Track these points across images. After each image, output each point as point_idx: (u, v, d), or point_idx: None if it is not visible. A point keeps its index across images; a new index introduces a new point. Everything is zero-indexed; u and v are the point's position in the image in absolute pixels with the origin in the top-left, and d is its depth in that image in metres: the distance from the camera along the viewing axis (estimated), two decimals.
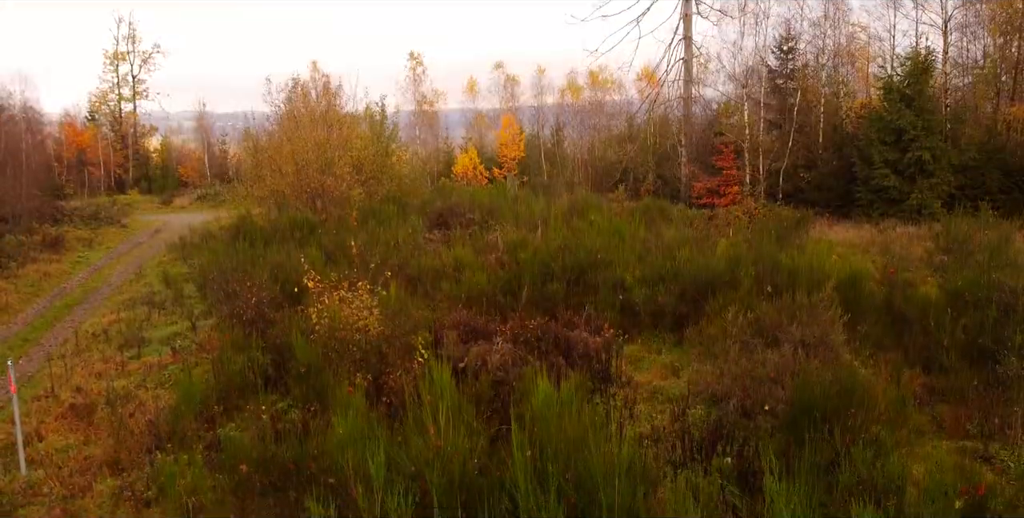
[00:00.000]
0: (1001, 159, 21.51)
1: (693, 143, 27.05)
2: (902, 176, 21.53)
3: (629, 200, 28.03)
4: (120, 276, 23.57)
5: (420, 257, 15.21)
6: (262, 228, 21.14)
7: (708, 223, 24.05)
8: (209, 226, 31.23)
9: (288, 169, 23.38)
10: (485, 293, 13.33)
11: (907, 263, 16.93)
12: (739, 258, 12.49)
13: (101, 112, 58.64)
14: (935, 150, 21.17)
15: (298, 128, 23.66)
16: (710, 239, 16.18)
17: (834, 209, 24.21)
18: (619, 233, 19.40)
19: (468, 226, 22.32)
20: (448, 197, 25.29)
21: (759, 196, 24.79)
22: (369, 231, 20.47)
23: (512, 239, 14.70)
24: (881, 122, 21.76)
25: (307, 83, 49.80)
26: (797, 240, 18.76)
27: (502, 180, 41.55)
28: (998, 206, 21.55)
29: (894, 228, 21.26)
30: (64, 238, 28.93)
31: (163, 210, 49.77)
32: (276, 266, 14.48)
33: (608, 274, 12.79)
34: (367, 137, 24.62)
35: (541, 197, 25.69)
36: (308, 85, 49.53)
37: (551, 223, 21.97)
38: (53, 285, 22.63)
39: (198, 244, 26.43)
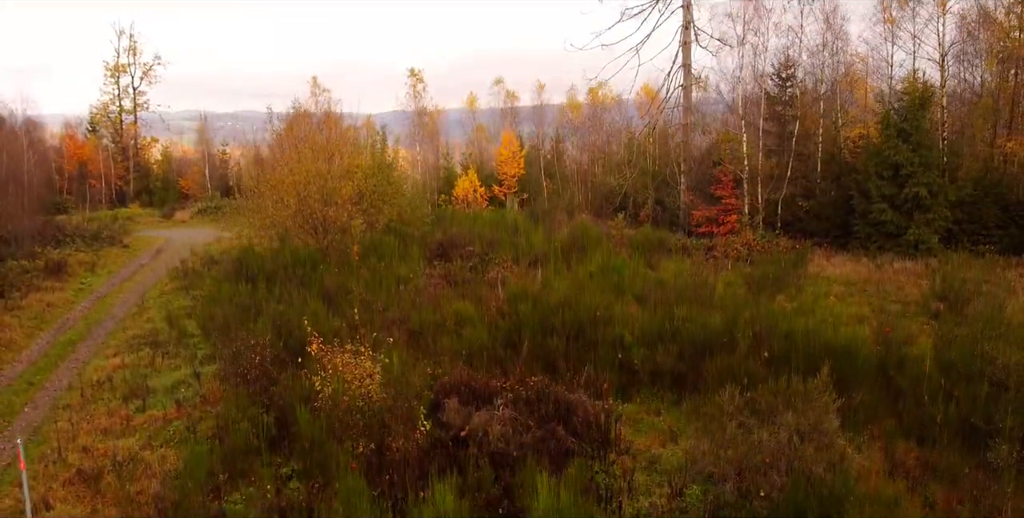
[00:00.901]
0: (998, 194, 21.67)
1: (692, 170, 27.21)
2: (899, 211, 21.69)
3: (629, 227, 28.19)
4: (122, 306, 23.70)
5: (421, 307, 15.34)
6: (264, 261, 21.27)
7: (707, 254, 24.27)
8: (210, 249, 31.49)
9: (290, 201, 23.53)
10: (486, 347, 13.50)
11: (903, 307, 17.13)
12: (737, 316, 12.62)
13: (102, 124, 58.79)
14: (932, 186, 21.33)
15: (300, 160, 23.80)
16: (708, 285, 16.29)
17: (832, 239, 24.37)
18: (619, 272, 19.59)
19: (469, 258, 22.51)
20: (448, 226, 25.44)
21: (757, 226, 24.95)
22: (370, 267, 20.66)
23: (513, 290, 14.83)
24: (879, 157, 21.92)
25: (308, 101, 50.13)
26: (795, 281, 18.93)
27: (502, 198, 41.80)
28: (995, 241, 21.77)
29: (891, 263, 21.42)
30: (67, 263, 29.03)
31: (164, 224, 49.94)
32: (279, 316, 14.60)
33: (608, 331, 12.93)
34: (368, 167, 24.75)
35: (541, 226, 25.83)
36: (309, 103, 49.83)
37: (551, 260, 22.20)
38: (56, 316, 22.75)
39: (200, 271, 26.68)
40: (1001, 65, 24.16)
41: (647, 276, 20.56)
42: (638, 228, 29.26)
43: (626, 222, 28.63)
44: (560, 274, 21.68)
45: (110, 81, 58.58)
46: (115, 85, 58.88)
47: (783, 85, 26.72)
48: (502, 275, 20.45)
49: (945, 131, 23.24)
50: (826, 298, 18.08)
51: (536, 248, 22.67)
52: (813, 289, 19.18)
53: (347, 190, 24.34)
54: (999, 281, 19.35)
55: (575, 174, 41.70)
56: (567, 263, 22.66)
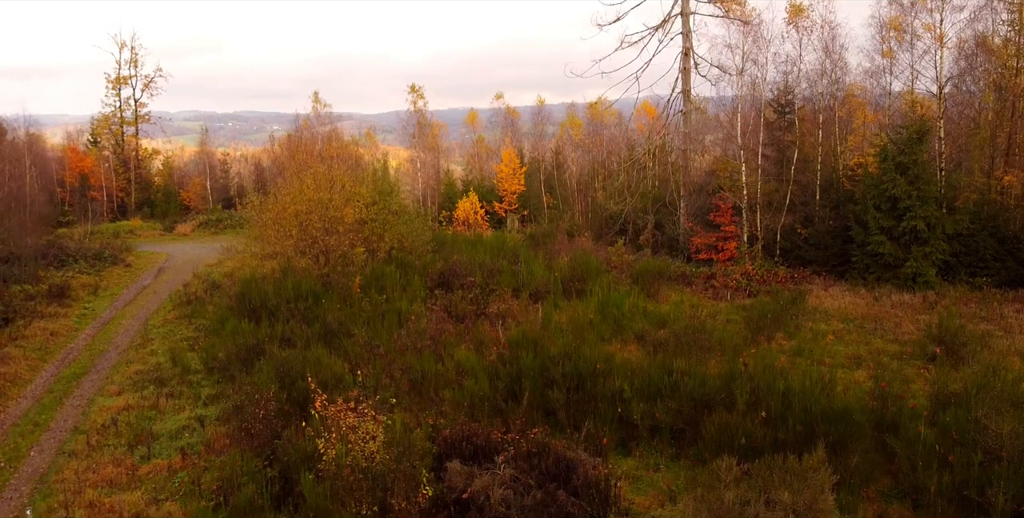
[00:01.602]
0: (995, 227, 21.82)
1: (692, 195, 27.36)
2: (897, 243, 21.84)
3: (629, 252, 28.37)
4: (125, 335, 23.84)
5: (423, 350, 15.50)
6: (267, 294, 21.39)
7: (707, 283, 24.43)
8: (212, 272, 31.60)
9: (292, 230, 23.69)
10: (487, 397, 13.66)
11: (900, 348, 17.27)
12: (734, 367, 12.77)
13: (103, 136, 58.95)
14: (929, 219, 21.47)
15: (303, 190, 23.97)
16: (706, 330, 16.45)
17: (830, 268, 24.53)
18: (618, 307, 19.74)
19: (470, 289, 22.65)
20: (449, 254, 25.58)
21: (756, 254, 25.10)
22: (372, 301, 20.81)
23: (514, 335, 14.99)
24: (877, 189, 22.07)
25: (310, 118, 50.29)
26: (794, 318, 19.09)
27: (502, 214, 42.01)
28: (992, 273, 21.92)
29: (889, 295, 21.56)
30: (69, 286, 29.17)
31: (166, 238, 50.11)
32: (283, 363, 14.75)
33: (608, 383, 13.08)
34: (369, 194, 24.91)
35: (541, 253, 25.98)
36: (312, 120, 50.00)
37: (552, 292, 22.35)
38: (60, 346, 22.91)
39: (202, 297, 26.81)
40: (998, 94, 24.28)
41: (647, 310, 20.73)
42: (638, 252, 29.44)
43: (626, 247, 28.82)
44: (560, 308, 21.90)
45: (111, 93, 58.76)
46: (116, 96, 59.04)
47: (782, 111, 26.86)
48: (503, 309, 20.62)
49: (943, 162, 23.38)
50: (824, 337, 18.23)
51: (537, 278, 22.81)
52: (812, 325, 19.32)
53: (349, 218, 24.51)
54: (995, 316, 19.52)
55: (574, 192, 41.86)
56: (567, 294, 22.84)
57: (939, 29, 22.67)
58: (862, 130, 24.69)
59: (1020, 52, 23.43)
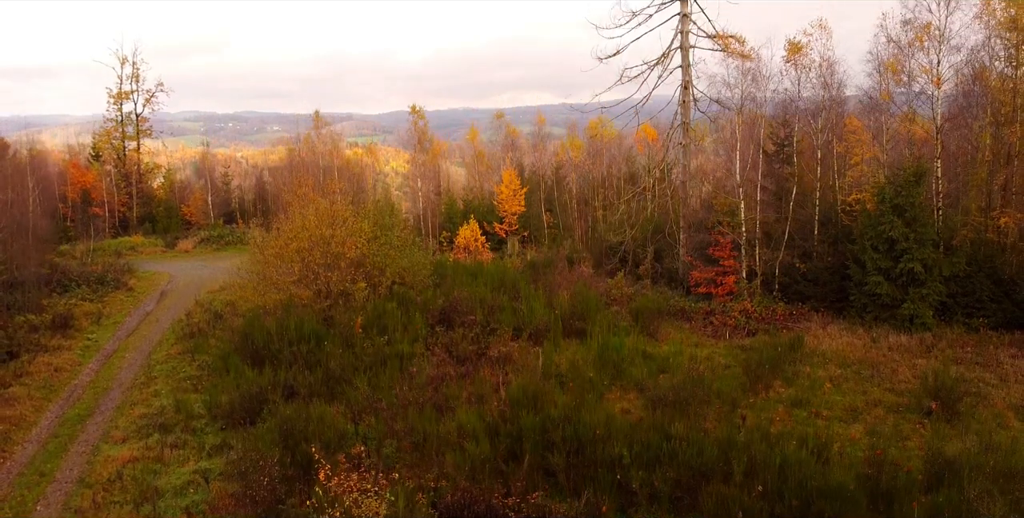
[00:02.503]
0: (991, 268, 22.00)
1: (691, 227, 27.55)
2: (895, 283, 22.01)
3: (629, 284, 28.56)
4: (129, 370, 24.01)
5: (424, 406, 15.68)
6: (270, 335, 21.56)
7: (706, 319, 24.62)
8: (214, 300, 31.74)
9: (295, 267, 23.88)
10: (488, 459, 13.84)
11: (897, 398, 17.44)
12: (732, 439, 12.94)
13: (105, 150, 59.11)
14: (926, 260, 21.64)
15: (304, 226, 24.16)
16: (704, 383, 16.63)
17: (828, 304, 24.71)
18: (618, 351, 19.93)
19: (471, 327, 22.83)
20: (450, 287, 25.77)
21: (755, 291, 25.28)
22: (374, 343, 20.98)
23: (515, 394, 15.17)
24: (874, 230, 22.24)
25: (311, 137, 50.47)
26: (792, 363, 19.27)
27: (503, 236, 42.21)
28: (989, 314, 22.09)
29: (886, 336, 21.74)
30: (73, 315, 29.36)
31: (168, 255, 50.27)
32: (286, 422, 14.92)
33: (608, 448, 13.26)
34: (371, 230, 25.10)
35: (541, 286, 26.17)
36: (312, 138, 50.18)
37: (552, 331, 22.54)
38: (65, 382, 23.10)
39: (204, 330, 26.98)
40: (995, 129, 24.36)
41: (647, 352, 20.92)
42: (638, 282, 29.62)
43: (626, 277, 29.00)
44: (561, 349, 22.12)
45: (113, 107, 58.97)
46: (118, 111, 59.26)
47: (781, 144, 27.05)
48: (503, 352, 20.81)
49: (940, 201, 23.55)
50: (822, 385, 18.41)
51: (537, 317, 23.00)
52: (810, 370, 19.50)
53: (351, 254, 24.70)
54: (991, 362, 19.69)
55: (575, 211, 42.11)
56: (568, 333, 23.04)
57: (936, 70, 22.85)
58: (860, 166, 24.85)
59: (1017, 89, 23.60)
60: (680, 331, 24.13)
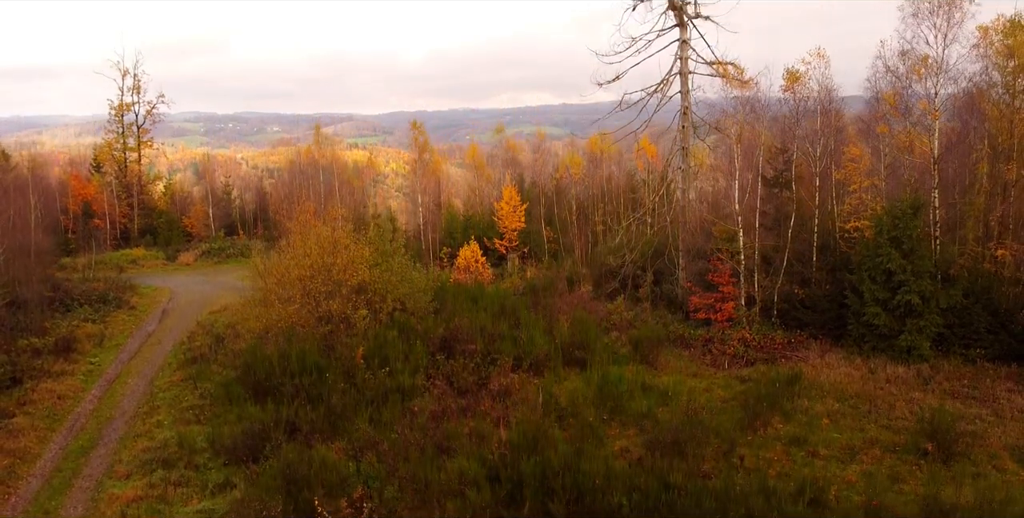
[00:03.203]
0: (988, 300, 22.16)
1: (690, 253, 27.73)
2: (892, 314, 22.16)
3: (628, 308, 28.74)
4: (131, 398, 24.15)
5: (425, 447, 15.84)
6: (272, 365, 21.69)
7: (705, 347, 24.80)
8: (216, 322, 31.84)
9: (295, 295, 24.04)
10: (489, 505, 14.01)
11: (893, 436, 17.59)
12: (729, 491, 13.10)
13: (107, 162, 59.26)
14: (924, 292, 21.81)
15: (306, 254, 24.32)
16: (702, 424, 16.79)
17: (827, 331, 24.87)
18: (617, 385, 20.10)
19: (471, 356, 22.99)
20: (451, 314, 25.93)
21: (754, 318, 25.44)
22: (375, 375, 21.14)
23: (516, 438, 15.33)
24: (872, 261, 22.41)
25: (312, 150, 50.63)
26: (790, 398, 19.45)
27: (503, 252, 42.38)
28: (986, 346, 22.25)
29: (884, 367, 21.90)
30: (75, 338, 29.52)
31: (169, 269, 50.40)
32: (289, 467, 15.07)
33: (608, 496, 13.42)
34: (372, 257, 25.27)
35: (541, 314, 26.34)
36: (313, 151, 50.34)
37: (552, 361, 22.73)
38: (68, 411, 23.24)
39: (207, 356, 27.12)
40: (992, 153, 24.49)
41: (646, 384, 21.09)
42: (637, 305, 29.77)
43: (626, 302, 29.19)
44: (561, 379, 22.33)
45: (114, 119, 59.10)
46: (119, 123, 59.39)
47: (779, 171, 27.21)
48: (504, 384, 20.98)
49: (938, 230, 23.70)
50: (819, 420, 18.58)
51: (537, 347, 23.16)
52: (808, 404, 19.66)
53: (352, 281, 24.86)
54: (988, 397, 19.85)
55: (574, 225, 42.32)
56: (568, 363, 23.22)
57: (934, 101, 22.99)
58: (859, 194, 25.01)
59: (1014, 123, 23.75)
60: (679, 359, 24.30)
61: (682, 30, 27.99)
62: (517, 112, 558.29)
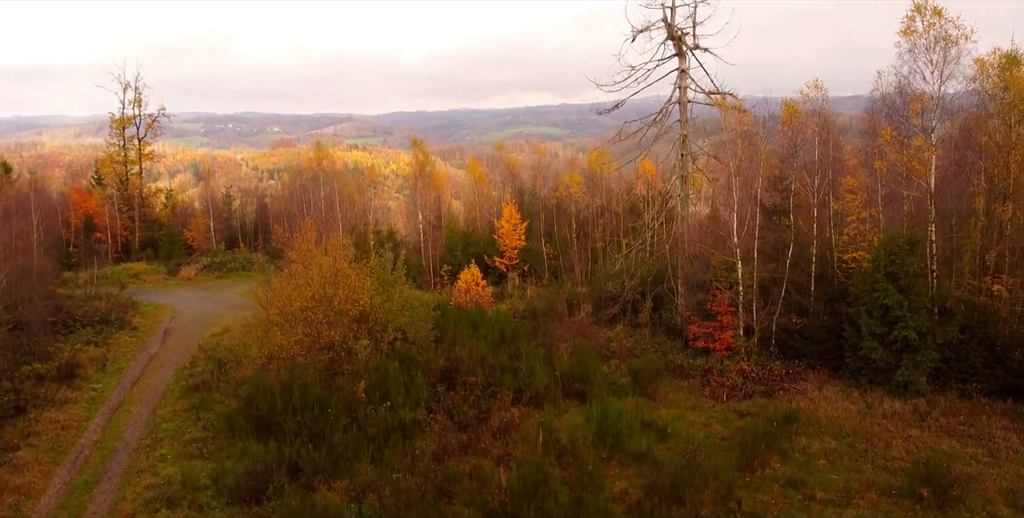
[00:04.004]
0: (985, 334, 22.36)
1: (689, 281, 27.92)
2: (889, 349, 22.36)
3: (628, 334, 28.95)
4: (135, 428, 24.31)
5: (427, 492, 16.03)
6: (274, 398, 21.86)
7: (704, 378, 25.00)
8: (218, 347, 31.97)
9: (297, 326, 24.23)
10: None
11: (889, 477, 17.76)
12: None
13: (108, 175, 59.48)
14: (920, 328, 22.01)
15: (308, 284, 24.52)
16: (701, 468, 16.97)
17: (824, 362, 25.07)
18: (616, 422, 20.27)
19: (472, 389, 23.18)
20: (451, 343, 26.13)
21: (753, 349, 25.63)
22: (376, 407, 21.33)
23: (516, 486, 15.52)
24: (869, 296, 22.61)
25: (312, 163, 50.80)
26: (788, 437, 19.63)
27: (503, 270, 42.62)
28: (982, 380, 22.44)
29: (881, 402, 22.08)
30: (78, 363, 29.70)
31: (170, 283, 50.59)
32: (292, 513, 15.27)
33: None
34: (373, 287, 25.46)
35: (541, 342, 26.54)
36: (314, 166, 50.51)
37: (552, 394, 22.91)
38: (71, 442, 23.41)
39: (208, 382, 27.28)
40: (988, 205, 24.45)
41: (646, 419, 21.27)
42: (637, 330, 29.98)
43: (625, 328, 29.40)
44: (561, 411, 22.53)
45: (115, 132, 59.32)
46: (120, 136, 59.61)
47: (778, 197, 27.42)
48: (505, 420, 21.17)
49: (935, 264, 23.88)
50: (817, 460, 18.76)
51: (537, 379, 23.35)
52: (806, 442, 19.83)
53: (353, 311, 25.06)
54: (983, 435, 20.03)
55: (574, 242, 42.55)
56: (568, 395, 23.42)
57: (932, 137, 23.16)
58: (857, 225, 25.20)
59: (1010, 153, 23.91)
60: (678, 391, 24.48)
61: (681, 60, 28.20)
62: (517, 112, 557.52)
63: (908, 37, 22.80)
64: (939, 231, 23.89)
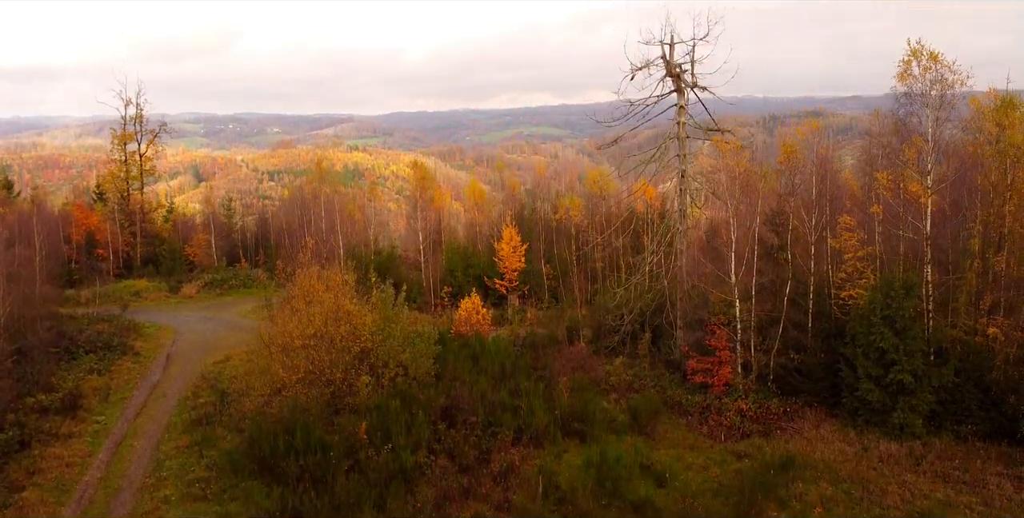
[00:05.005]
0: (980, 377, 22.60)
1: (688, 315, 28.16)
2: (885, 391, 22.60)
3: (627, 366, 29.20)
4: (138, 464, 24.51)
5: None
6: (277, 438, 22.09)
7: (702, 415, 25.24)
8: (221, 376, 32.15)
9: (300, 364, 24.47)
10: None
11: None
12: None
13: (110, 190, 59.68)
14: (916, 371, 22.25)
15: (310, 323, 24.76)
16: None
17: (822, 399, 25.30)
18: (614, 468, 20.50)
19: (473, 428, 23.43)
20: (451, 379, 26.37)
21: (751, 386, 25.87)
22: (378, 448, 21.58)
23: None
24: (866, 338, 22.85)
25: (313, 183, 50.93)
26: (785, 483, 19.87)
27: (503, 291, 42.85)
28: (978, 423, 22.67)
29: (877, 445, 22.32)
30: (81, 393, 29.93)
31: (172, 301, 50.80)
32: None
33: None
34: (374, 323, 25.71)
35: (541, 380, 26.80)
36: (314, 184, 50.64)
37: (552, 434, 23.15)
38: (76, 479, 23.61)
39: (211, 414, 27.49)
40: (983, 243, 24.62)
41: (644, 464, 21.51)
42: (636, 360, 30.22)
43: (625, 360, 29.63)
44: (561, 450, 22.79)
45: (117, 148, 59.53)
46: (122, 151, 59.82)
47: (776, 231, 27.65)
48: (505, 462, 21.41)
49: (931, 305, 24.11)
50: (813, 508, 19.00)
51: (537, 418, 23.59)
52: (803, 487, 20.07)
53: (355, 349, 25.31)
54: (977, 481, 20.25)
55: (574, 264, 42.80)
56: (568, 434, 23.67)
57: (928, 180, 23.37)
58: (854, 262, 25.42)
59: (1008, 187, 24.14)
60: (677, 429, 24.73)
61: (679, 95, 28.44)
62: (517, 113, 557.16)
63: (904, 82, 23.01)
64: (935, 271, 24.12)
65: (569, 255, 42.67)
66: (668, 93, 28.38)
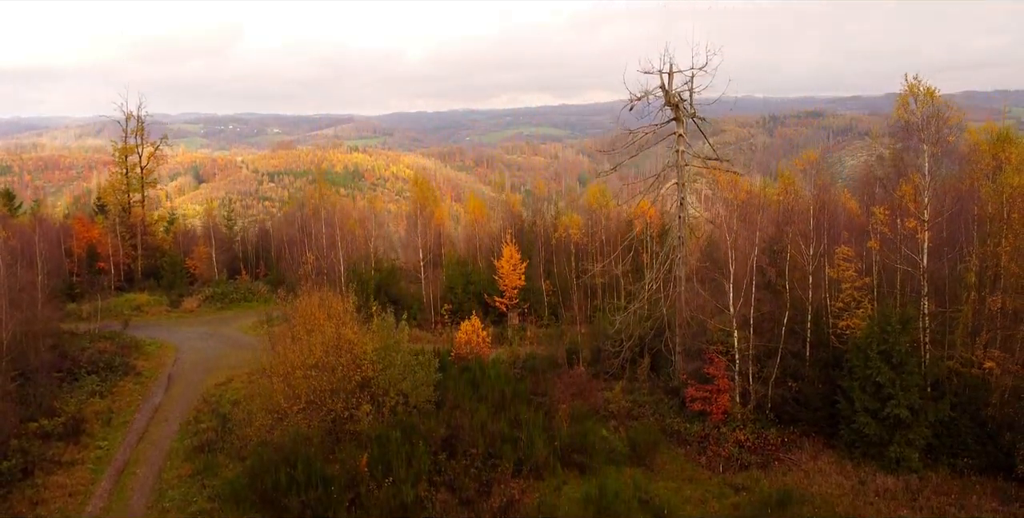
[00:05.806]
0: (975, 411, 22.79)
1: (686, 340, 28.35)
2: (882, 424, 22.79)
3: (626, 391, 29.39)
4: (141, 494, 24.70)
5: None
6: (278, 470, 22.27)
7: (701, 445, 25.43)
8: (222, 399, 32.32)
9: (301, 394, 24.67)
10: None
11: None
12: None
13: (111, 203, 59.83)
14: (913, 405, 22.44)
15: (311, 353, 24.95)
16: None
17: (819, 429, 25.48)
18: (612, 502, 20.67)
19: (473, 459, 23.63)
20: (451, 409, 26.54)
21: (749, 416, 26.05)
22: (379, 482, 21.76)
23: None
24: (863, 372, 23.03)
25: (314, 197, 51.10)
26: None
27: (503, 309, 43.04)
28: (974, 456, 22.86)
29: (873, 478, 22.50)
30: (84, 417, 30.09)
31: (172, 316, 50.97)
32: None
33: None
34: (374, 352, 25.90)
35: (541, 408, 26.97)
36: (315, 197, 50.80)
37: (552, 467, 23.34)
38: (79, 509, 23.81)
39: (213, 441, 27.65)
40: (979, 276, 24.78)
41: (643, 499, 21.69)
42: (635, 385, 30.41)
43: (624, 385, 29.81)
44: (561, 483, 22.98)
45: (118, 161, 59.72)
46: (123, 164, 60.00)
47: (774, 258, 27.83)
48: (505, 498, 21.59)
49: (927, 337, 24.31)
50: None
51: (537, 450, 23.78)
52: None
53: (356, 378, 25.51)
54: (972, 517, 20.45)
55: (573, 281, 42.95)
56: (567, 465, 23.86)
57: (925, 214, 23.55)
58: (851, 291, 25.62)
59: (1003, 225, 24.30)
60: (675, 459, 24.91)
61: (679, 124, 28.61)
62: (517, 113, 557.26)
63: (901, 118, 23.17)
64: (932, 303, 24.30)
65: (568, 272, 42.86)
66: (667, 121, 28.56)
